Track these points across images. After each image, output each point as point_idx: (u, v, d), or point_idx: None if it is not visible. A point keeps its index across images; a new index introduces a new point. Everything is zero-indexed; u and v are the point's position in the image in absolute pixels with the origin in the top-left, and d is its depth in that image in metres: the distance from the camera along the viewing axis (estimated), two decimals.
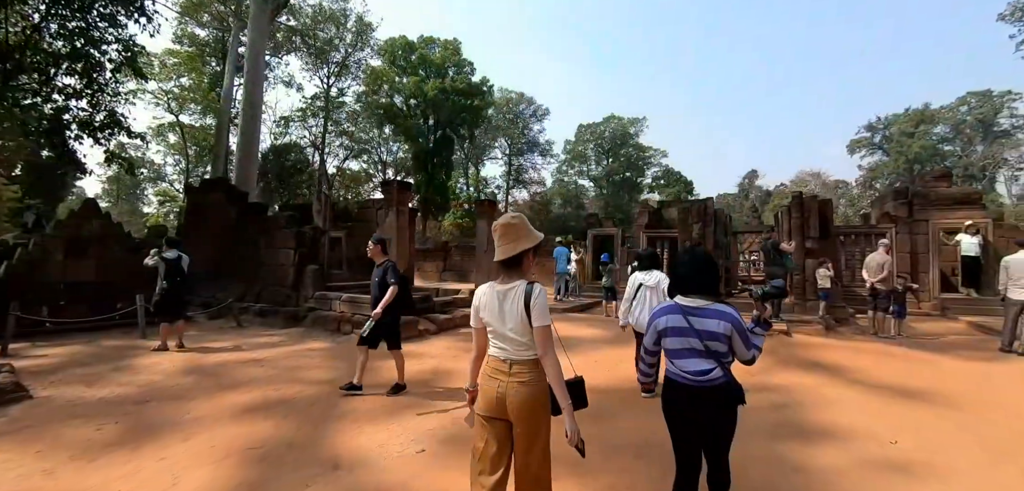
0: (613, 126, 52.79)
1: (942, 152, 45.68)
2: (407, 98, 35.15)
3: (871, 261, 9.31)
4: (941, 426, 4.46)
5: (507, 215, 2.37)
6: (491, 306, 2.25)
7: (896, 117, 49.51)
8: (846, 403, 5.14)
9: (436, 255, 24.33)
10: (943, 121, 46.89)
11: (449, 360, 7.01)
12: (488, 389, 2.23)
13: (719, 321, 2.34)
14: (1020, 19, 37.91)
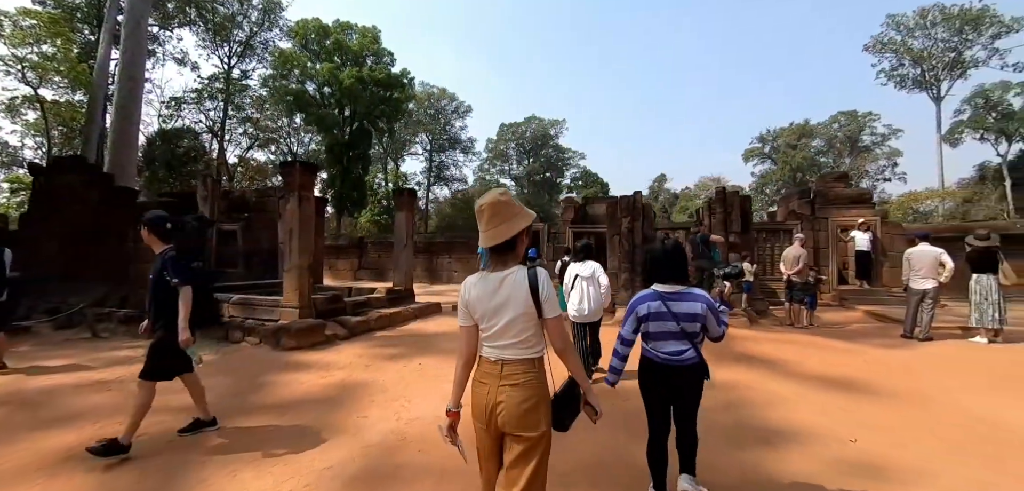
0: (534, 127, 53.11)
1: (819, 163, 50.84)
2: (320, 86, 32.52)
3: (788, 255, 9.47)
4: (890, 419, 4.26)
5: (493, 192, 1.96)
6: (484, 298, 1.91)
7: (782, 130, 54.45)
8: (793, 400, 4.82)
9: (350, 252, 22.48)
10: (819, 135, 52.26)
11: (360, 371, 5.89)
12: (478, 396, 1.94)
13: (695, 303, 2.59)
14: (880, 51, 43.37)
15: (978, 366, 6.13)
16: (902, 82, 42.95)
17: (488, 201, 1.91)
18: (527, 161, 54.07)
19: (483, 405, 1.90)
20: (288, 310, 7.48)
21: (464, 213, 44.11)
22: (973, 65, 38.44)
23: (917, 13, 39.69)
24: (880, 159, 48.27)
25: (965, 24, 37.71)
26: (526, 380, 1.88)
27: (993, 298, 7.31)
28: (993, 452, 3.56)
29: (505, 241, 1.90)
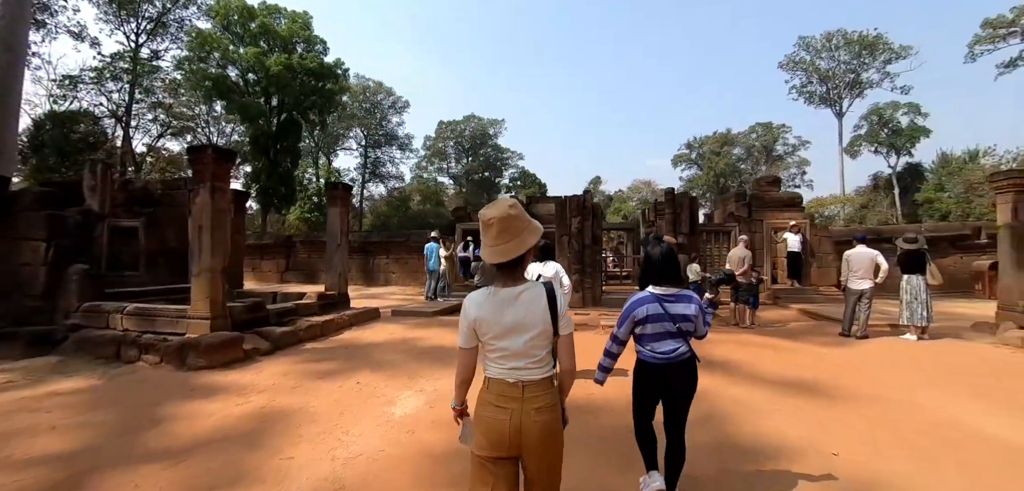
0: (473, 125, 52.36)
1: (739, 169, 54.17)
2: (244, 72, 29.79)
3: (733, 255, 9.49)
4: (859, 425, 4.11)
5: (502, 203, 1.79)
6: (497, 316, 1.74)
7: (707, 138, 57.46)
8: (766, 409, 4.55)
9: (277, 252, 20.58)
10: (739, 144, 55.72)
11: (286, 394, 4.95)
12: (495, 423, 1.72)
13: (689, 304, 2.67)
14: (792, 69, 46.83)
15: (917, 363, 6.24)
16: (810, 98, 46.62)
17: (498, 214, 1.74)
18: (466, 160, 53.21)
19: (503, 432, 1.72)
20: (197, 321, 6.30)
21: (400, 212, 42.51)
22: (869, 86, 42.51)
23: (824, 36, 43.27)
24: (791, 167, 52.06)
25: (863, 49, 41.57)
26: (552, 401, 1.79)
27: (922, 297, 7.60)
28: (966, 459, 3.44)
29: (517, 258, 1.76)
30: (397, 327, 9.11)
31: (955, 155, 35.82)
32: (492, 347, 1.79)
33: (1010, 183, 7.59)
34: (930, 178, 37.47)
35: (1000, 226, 7.78)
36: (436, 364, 6.27)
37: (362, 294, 15.04)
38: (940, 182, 36.17)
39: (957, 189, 32.99)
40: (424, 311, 10.66)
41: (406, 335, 8.35)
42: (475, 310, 1.79)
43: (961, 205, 30.63)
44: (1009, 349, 6.89)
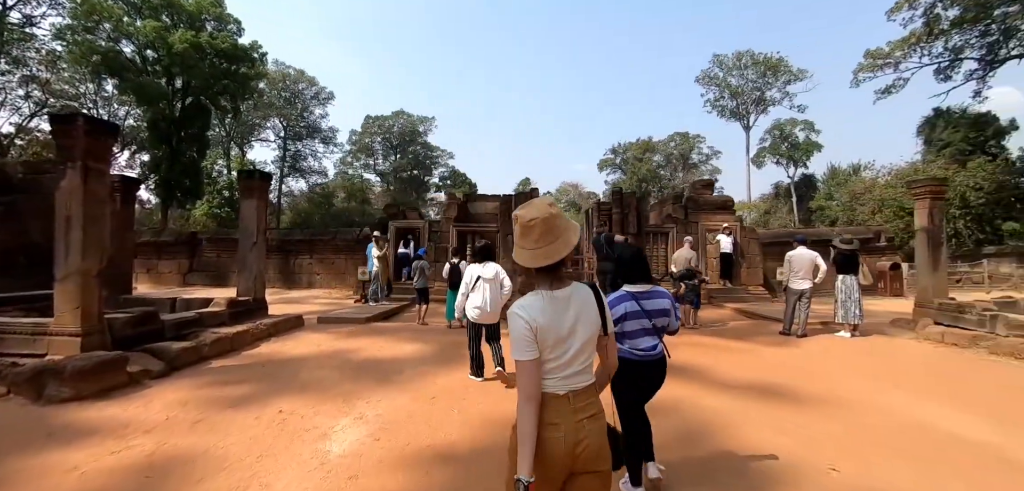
0: (402, 121, 50.45)
1: (660, 176, 56.93)
2: (142, 47, 26.17)
3: (679, 256, 9.40)
4: (843, 435, 3.89)
5: (541, 203, 1.65)
6: (557, 322, 1.57)
7: (631, 144, 59.83)
8: (744, 420, 4.23)
9: (179, 251, 18.01)
10: (660, 151, 58.63)
11: (184, 431, 3.83)
12: (548, 443, 1.51)
13: (664, 300, 2.84)
14: (707, 84, 49.95)
15: (861, 362, 6.34)
16: (722, 112, 50.05)
17: (541, 215, 1.60)
18: (394, 157, 51.16)
19: (561, 451, 1.52)
20: (62, 339, 4.90)
21: (323, 209, 39.82)
22: (772, 103, 46.47)
23: (735, 55, 46.59)
24: (705, 174, 55.67)
25: (767, 70, 45.27)
26: (598, 409, 1.65)
27: (855, 296, 7.87)
28: (960, 469, 3.26)
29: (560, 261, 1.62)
30: (325, 337, 7.98)
31: (842, 168, 40.06)
32: (549, 356, 1.59)
33: (927, 190, 8.08)
34: (821, 188, 41.64)
35: (917, 229, 8.28)
36: (377, 382, 5.37)
37: (282, 299, 13.43)
38: (829, 192, 40.25)
39: (843, 198, 36.84)
40: (356, 317, 9.53)
41: (337, 346, 7.28)
42: (536, 317, 1.56)
43: (847, 212, 34.12)
44: (931, 344, 7.27)
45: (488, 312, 5.24)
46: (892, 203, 30.05)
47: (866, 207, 32.32)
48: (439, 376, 5.69)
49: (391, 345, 7.44)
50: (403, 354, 6.88)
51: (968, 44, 28.87)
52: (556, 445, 1.52)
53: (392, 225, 13.98)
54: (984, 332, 6.85)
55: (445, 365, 6.25)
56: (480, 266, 5.34)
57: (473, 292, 5.26)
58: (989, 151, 28.76)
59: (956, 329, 7.17)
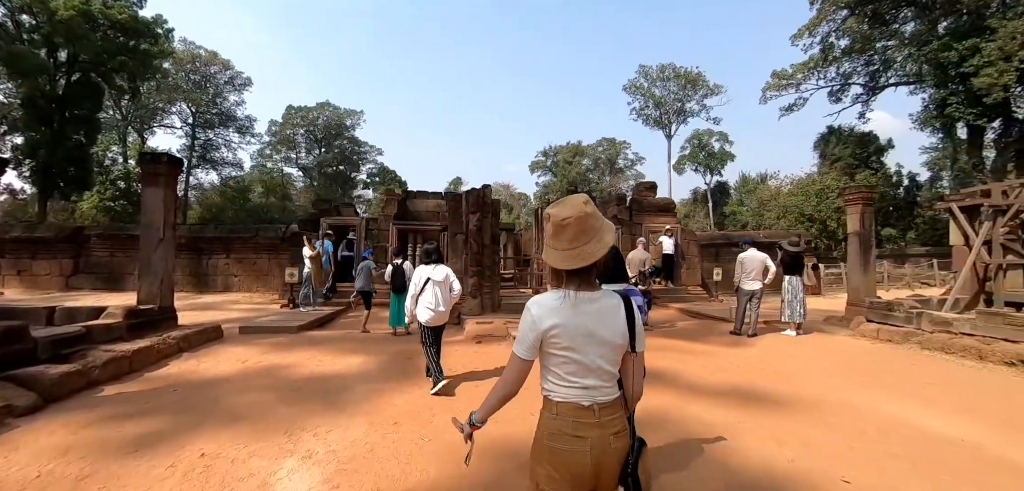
0: (327, 114, 47.55)
1: (589, 178, 58.52)
2: (15, 11, 22.14)
3: (634, 257, 9.27)
4: (836, 441, 3.75)
5: (575, 201, 1.51)
6: (576, 326, 1.47)
7: (561, 147, 60.94)
8: (735, 429, 3.98)
9: (60, 249, 15.18)
10: (588, 155, 60.30)
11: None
12: (573, 454, 1.44)
13: (638, 297, 2.74)
14: (633, 92, 52.02)
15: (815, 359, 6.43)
16: (647, 120, 52.41)
17: (575, 214, 1.47)
18: (318, 151, 48.09)
19: (583, 463, 1.44)
20: None
21: (238, 204, 36.36)
22: (691, 114, 49.38)
23: (659, 67, 48.99)
24: (630, 179, 58.01)
25: (687, 83, 48.06)
26: (624, 425, 1.53)
27: (800, 296, 8.11)
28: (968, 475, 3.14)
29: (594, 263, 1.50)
30: (252, 350, 6.82)
31: (751, 177, 43.54)
32: (565, 361, 1.50)
33: (859, 197, 8.54)
34: (734, 194, 44.98)
35: (850, 233, 8.73)
36: (324, 405, 4.49)
37: (194, 305, 11.69)
38: (741, 198, 43.56)
39: (753, 204, 40.01)
40: (286, 325, 8.35)
41: (268, 361, 6.21)
42: (550, 317, 1.49)
43: (756, 217, 36.98)
44: (868, 340, 7.63)
45: (441, 312, 5.10)
46: (794, 210, 33.04)
47: (772, 212, 35.27)
48: (397, 394, 4.91)
49: (333, 358, 6.48)
50: (349, 368, 5.97)
51: (855, 71, 32.29)
52: (582, 458, 1.45)
53: (324, 222, 12.63)
54: (912, 328, 7.29)
55: (401, 380, 5.48)
56: (430, 268, 5.11)
57: (422, 294, 5.06)
58: (871, 165, 32.41)
59: (888, 326, 7.58)
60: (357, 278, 8.55)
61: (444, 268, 5.23)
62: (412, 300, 5.09)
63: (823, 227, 28.43)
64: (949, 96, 22.44)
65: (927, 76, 24.09)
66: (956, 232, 8.93)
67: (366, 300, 8.48)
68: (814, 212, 30.99)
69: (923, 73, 26.04)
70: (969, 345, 6.30)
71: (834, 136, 34.89)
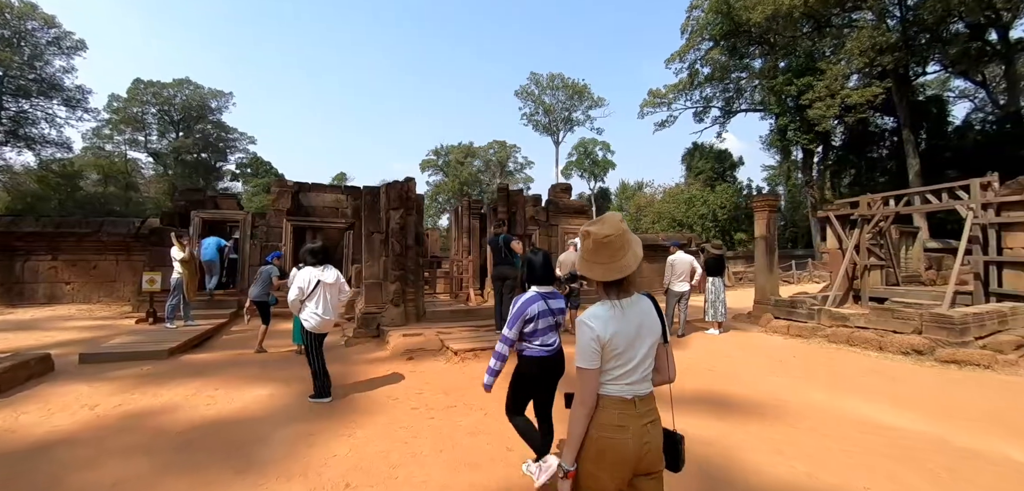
0: (188, 92, 40.78)
1: (480, 179, 58.39)
2: None
3: (566, 259, 8.88)
4: (830, 447, 3.65)
5: (611, 219, 1.73)
6: (627, 331, 1.66)
7: (453, 147, 59.99)
8: (729, 440, 3.77)
9: None
10: (479, 157, 60.20)
11: None
12: (617, 443, 1.60)
13: (561, 299, 3.00)
14: (524, 98, 53.06)
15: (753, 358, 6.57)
16: (537, 126, 53.86)
17: (615, 232, 1.68)
18: (175, 134, 40.96)
19: (628, 452, 1.61)
20: None
21: (64, 192, 29.30)
22: (578, 123, 51.85)
23: (549, 76, 50.61)
24: (519, 182, 59.18)
25: (574, 93, 50.37)
26: (658, 415, 1.74)
27: (722, 297, 8.40)
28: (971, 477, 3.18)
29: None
30: (103, 389, 4.93)
31: (630, 184, 47.23)
32: (614, 363, 1.66)
33: (766, 205, 9.17)
34: (615, 200, 48.36)
35: (757, 237, 9.35)
36: (235, 472, 3.18)
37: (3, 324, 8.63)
38: (620, 203, 47.00)
39: (631, 209, 43.37)
40: (152, 348, 6.34)
41: (131, 405, 4.48)
42: (609, 326, 1.64)
43: (633, 222, 40.08)
44: (781, 336, 8.13)
45: (330, 319, 4.74)
46: (667, 215, 36.42)
47: (648, 217, 38.51)
48: (335, 438, 3.75)
49: (229, 391, 4.94)
50: (257, 405, 4.55)
51: (715, 96, 36.50)
52: (625, 447, 1.60)
53: (196, 216, 10.18)
54: (815, 324, 7.93)
55: (333, 415, 4.28)
56: (319, 269, 4.70)
57: (309, 299, 4.62)
58: (727, 179, 37.00)
59: (796, 322, 8.17)
60: (254, 284, 6.84)
61: (334, 271, 4.83)
62: (297, 302, 4.59)
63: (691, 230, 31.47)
64: (789, 123, 26.25)
65: (772, 105, 27.94)
66: (832, 237, 10.07)
67: (263, 312, 6.82)
68: (684, 218, 34.50)
69: (768, 103, 30.27)
70: (870, 338, 6.94)
71: (698, 151, 39.12)
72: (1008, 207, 7.64)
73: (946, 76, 27.44)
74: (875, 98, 22.36)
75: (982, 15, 21.00)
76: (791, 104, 26.43)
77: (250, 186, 42.40)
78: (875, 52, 21.79)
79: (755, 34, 29.18)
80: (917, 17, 22.74)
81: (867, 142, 28.32)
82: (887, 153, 27.79)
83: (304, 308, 4.61)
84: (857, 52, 22.34)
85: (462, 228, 11.01)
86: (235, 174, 45.81)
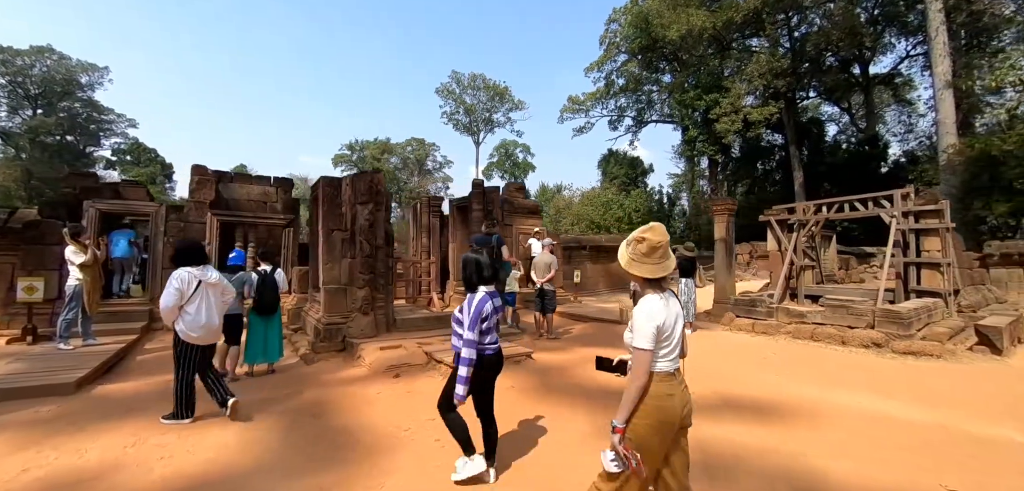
0: (49, 63, 33.89)
1: (398, 177, 55.93)
2: None
3: (540, 262, 8.44)
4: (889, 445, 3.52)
5: (659, 229, 2.07)
6: (672, 316, 2.04)
7: (368, 143, 56.83)
8: (781, 444, 3.64)
9: None
10: (397, 154, 57.72)
11: None
12: (671, 409, 1.98)
13: (500, 298, 3.22)
14: (445, 97, 51.86)
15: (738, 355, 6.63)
16: (457, 125, 52.91)
17: (664, 240, 2.03)
18: (32, 111, 33.73)
19: (677, 412, 1.98)
20: None
21: None
22: (498, 125, 51.77)
23: (470, 76, 49.92)
24: (438, 181, 57.73)
25: (495, 95, 50.23)
26: (686, 382, 2.11)
27: (693, 297, 8.51)
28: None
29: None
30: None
31: (549, 187, 48.10)
32: (664, 344, 1.99)
33: (725, 208, 9.52)
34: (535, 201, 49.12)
35: (716, 239, 9.67)
36: None
37: None
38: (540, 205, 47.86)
39: (551, 211, 44.29)
40: (51, 379, 4.72)
41: (40, 473, 3.15)
42: (663, 313, 1.98)
43: (552, 223, 40.92)
44: (747, 334, 8.43)
45: (217, 327, 4.20)
46: (586, 218, 37.63)
47: (567, 220, 39.53)
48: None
49: (180, 436, 3.74)
50: (228, 456, 3.46)
51: (628, 106, 38.50)
52: (674, 410, 1.97)
53: (91, 207, 7.95)
54: (774, 321, 8.33)
55: (343, 463, 3.38)
56: (199, 269, 4.11)
57: (190, 303, 4.00)
58: (639, 184, 39.22)
59: (758, 320, 8.53)
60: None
61: (214, 270, 4.28)
62: (173, 308, 3.92)
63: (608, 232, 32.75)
64: (699, 135, 28.40)
65: (684, 118, 30.06)
66: (772, 240, 10.77)
67: (232, 330, 5.37)
68: (601, 221, 35.86)
69: (677, 115, 32.56)
70: (832, 333, 7.39)
71: (612, 158, 40.96)
72: (925, 215, 8.62)
73: (818, 102, 31.59)
74: (771, 116, 24.94)
75: (853, 50, 24.37)
76: (699, 118, 28.64)
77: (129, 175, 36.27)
78: (772, 75, 24.31)
79: (668, 51, 31.24)
80: (802, 48, 25.84)
81: (759, 155, 31.62)
82: (776, 165, 31.26)
83: (185, 316, 3.96)
84: (757, 74, 24.77)
85: (421, 227, 10.06)
86: (111, 161, 38.97)
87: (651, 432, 1.94)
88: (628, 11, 31.42)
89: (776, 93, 25.48)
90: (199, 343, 4.06)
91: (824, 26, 24.94)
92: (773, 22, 26.09)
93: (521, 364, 6.04)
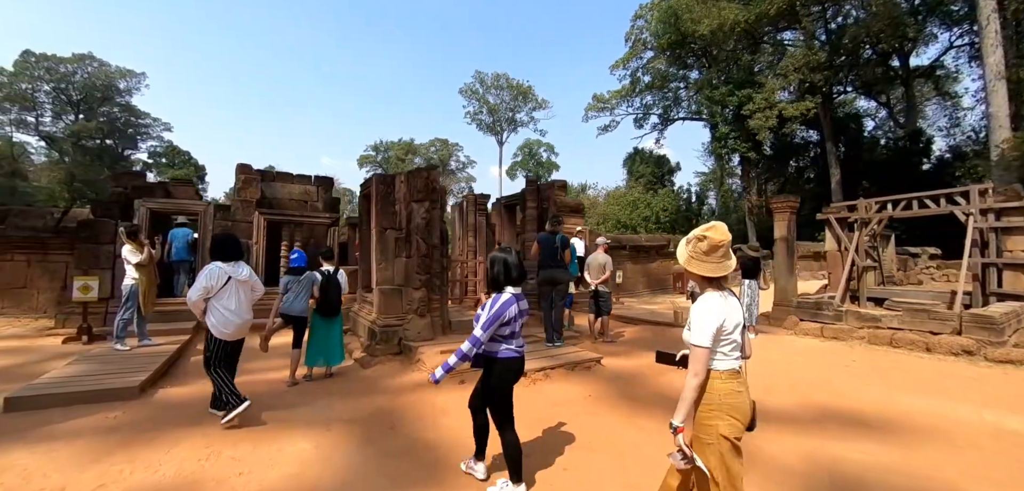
0: (90, 70, 34.75)
1: None
2: None
3: (593, 261, 8.01)
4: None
5: (722, 229, 2.03)
6: (734, 315, 1.99)
7: (393, 144, 57.08)
8: (923, 465, 3.01)
9: None
10: (421, 154, 57.79)
11: None
12: (745, 405, 1.97)
13: (525, 301, 2.97)
14: (469, 97, 51.67)
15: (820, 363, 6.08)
16: (480, 125, 52.66)
17: (726, 240, 2.00)
18: (74, 116, 34.68)
19: (747, 406, 1.98)
20: None
21: None
22: (522, 124, 51.36)
23: (493, 76, 49.62)
24: (461, 181, 57.67)
25: (519, 94, 49.81)
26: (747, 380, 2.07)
27: (757, 300, 7.97)
28: None
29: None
30: (53, 459, 3.21)
31: (573, 186, 47.51)
32: (728, 342, 1.96)
33: (787, 206, 8.92)
34: None
35: (777, 238, 9.08)
36: None
37: None
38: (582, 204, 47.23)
39: None
40: (111, 382, 4.51)
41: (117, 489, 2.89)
42: (722, 312, 1.94)
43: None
44: (815, 339, 7.82)
45: (247, 321, 4.10)
46: (612, 217, 36.92)
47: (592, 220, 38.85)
48: None
49: (254, 449, 3.44)
50: (312, 474, 3.13)
51: (654, 104, 37.62)
52: (746, 403, 1.96)
53: (142, 206, 7.85)
54: (844, 326, 7.74)
55: (441, 483, 3.02)
56: (231, 265, 4.02)
57: (218, 298, 3.91)
58: (666, 183, 38.33)
59: (826, 324, 7.94)
60: (289, 293, 5.14)
61: (245, 266, 4.20)
62: (200, 301, 3.86)
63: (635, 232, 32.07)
64: (730, 132, 27.48)
65: (714, 115, 29.11)
66: (830, 239, 10.12)
67: (297, 332, 5.14)
68: (628, 220, 35.14)
69: (707, 112, 31.61)
70: (914, 339, 6.78)
71: (638, 156, 40.14)
72: (1008, 212, 7.90)
73: (855, 96, 30.28)
74: (808, 112, 23.94)
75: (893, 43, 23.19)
76: (730, 114, 27.71)
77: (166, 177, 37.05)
78: (808, 70, 23.31)
79: (697, 47, 30.35)
80: (839, 40, 24.73)
81: (792, 152, 30.49)
82: (810, 162, 30.09)
83: (213, 310, 3.88)
84: (792, 69, 23.79)
85: (467, 226, 9.73)
86: (147, 164, 39.87)
87: (731, 430, 1.92)
88: (656, 7, 30.64)
89: (812, 87, 24.45)
90: (226, 338, 4.00)
91: (862, 17, 23.86)
92: (808, 14, 25.07)
93: (592, 370, 5.63)
